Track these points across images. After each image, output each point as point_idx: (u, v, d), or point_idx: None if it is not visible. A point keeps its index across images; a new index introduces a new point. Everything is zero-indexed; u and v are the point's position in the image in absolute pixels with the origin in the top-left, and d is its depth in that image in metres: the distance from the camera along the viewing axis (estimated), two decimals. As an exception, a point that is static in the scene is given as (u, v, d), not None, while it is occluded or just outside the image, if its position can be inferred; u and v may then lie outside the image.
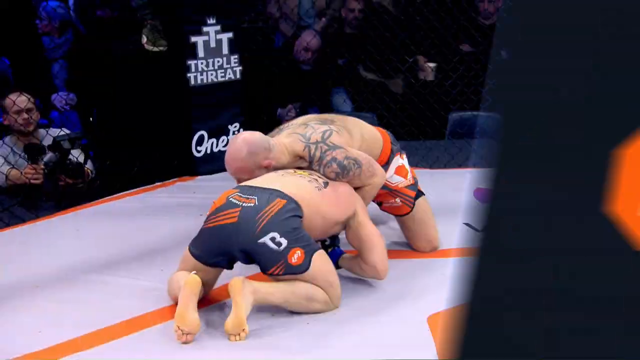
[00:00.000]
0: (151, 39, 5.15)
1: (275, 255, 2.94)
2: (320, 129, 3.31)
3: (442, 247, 3.76)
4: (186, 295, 2.86)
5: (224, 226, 2.98)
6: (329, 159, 3.24)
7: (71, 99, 5.93)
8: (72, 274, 3.57)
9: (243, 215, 2.96)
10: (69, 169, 4.71)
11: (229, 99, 5.26)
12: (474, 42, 5.92)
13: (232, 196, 3.03)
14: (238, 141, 3.25)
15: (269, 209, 2.96)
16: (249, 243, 2.96)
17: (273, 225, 2.94)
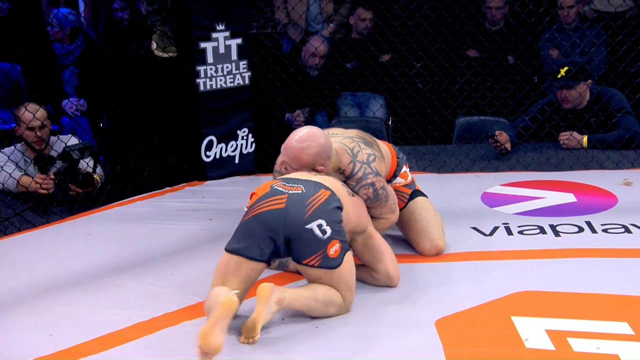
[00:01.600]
0: (161, 45, 5.19)
1: (319, 243, 3.00)
2: (366, 151, 3.45)
3: (449, 250, 3.77)
4: (218, 316, 2.77)
5: (272, 211, 3.00)
6: (368, 182, 3.39)
7: (82, 104, 5.98)
8: (82, 277, 3.61)
9: (291, 201, 3.01)
10: (78, 179, 4.77)
11: (238, 104, 5.29)
12: (481, 47, 5.94)
13: (276, 185, 3.08)
14: (312, 136, 3.28)
15: (317, 197, 3.04)
16: (296, 228, 2.99)
17: (321, 212, 3.01)
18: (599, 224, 4.02)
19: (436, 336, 2.93)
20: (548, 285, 3.34)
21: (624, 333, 2.86)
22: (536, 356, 2.74)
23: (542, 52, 6.09)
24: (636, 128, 5.45)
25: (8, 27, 6.11)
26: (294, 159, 3.29)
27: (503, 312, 3.09)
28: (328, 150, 3.30)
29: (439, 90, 5.78)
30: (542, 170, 5.19)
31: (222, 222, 4.33)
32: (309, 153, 3.26)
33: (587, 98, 5.49)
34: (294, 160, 3.29)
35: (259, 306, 2.89)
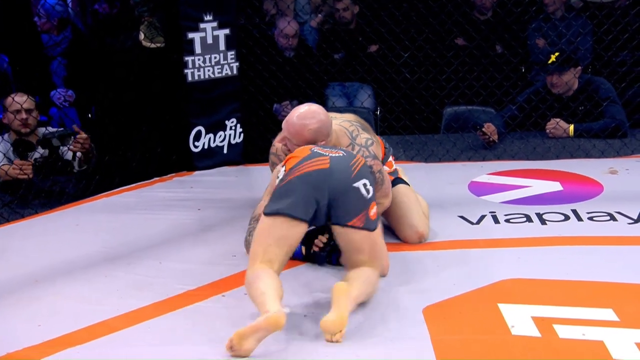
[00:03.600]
0: (149, 36, 5.18)
1: (364, 202, 3.05)
2: (364, 135, 3.50)
3: (437, 239, 3.79)
4: (261, 327, 2.72)
5: (317, 171, 3.02)
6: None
7: (70, 95, 5.96)
8: (71, 268, 3.61)
9: (334, 162, 3.05)
10: (57, 166, 4.77)
11: (226, 94, 5.29)
12: (469, 37, 5.95)
13: (314, 149, 3.13)
14: (313, 113, 3.33)
15: (357, 159, 3.11)
16: (343, 187, 3.02)
17: (364, 173, 3.08)
18: (585, 212, 4.04)
19: (423, 324, 2.95)
20: (534, 273, 3.36)
21: (609, 319, 2.88)
22: (522, 343, 2.76)
23: (529, 42, 6.11)
24: (622, 117, 5.48)
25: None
26: (295, 134, 3.32)
27: (490, 300, 3.11)
28: (328, 127, 3.36)
29: (426, 80, 5.79)
30: (529, 159, 5.21)
31: (210, 212, 4.34)
32: (310, 129, 3.31)
33: (576, 86, 5.52)
34: (295, 135, 3.33)
35: (340, 301, 2.86)
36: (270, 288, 2.90)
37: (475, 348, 2.76)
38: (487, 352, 2.73)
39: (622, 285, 3.19)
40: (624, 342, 2.71)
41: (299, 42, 6.21)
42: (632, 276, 3.26)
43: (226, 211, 4.36)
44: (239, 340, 2.72)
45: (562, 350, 2.71)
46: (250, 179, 5.05)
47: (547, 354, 2.69)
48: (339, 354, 2.75)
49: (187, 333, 2.96)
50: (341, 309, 2.85)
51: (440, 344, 2.78)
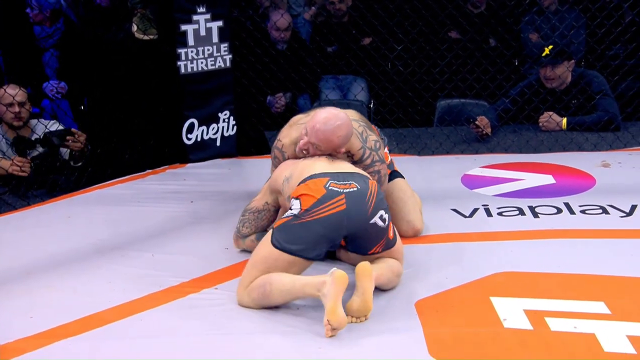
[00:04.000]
0: (141, 28, 5.17)
1: (382, 232, 3.10)
2: (372, 137, 3.49)
3: (429, 232, 3.80)
4: (338, 291, 2.81)
5: (334, 215, 3.01)
6: (375, 169, 3.46)
7: (62, 87, 5.95)
8: (63, 260, 3.61)
9: (350, 201, 3.03)
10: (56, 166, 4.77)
11: (219, 87, 5.28)
12: (462, 30, 5.95)
13: (329, 185, 3.06)
14: (338, 117, 3.27)
15: (372, 190, 3.09)
16: (360, 225, 3.04)
17: (380, 203, 3.09)
18: (577, 205, 4.05)
19: (416, 317, 2.95)
20: (526, 266, 3.37)
21: (600, 312, 2.90)
22: (514, 336, 2.77)
23: (522, 35, 6.11)
24: (614, 110, 5.50)
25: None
26: (325, 141, 3.25)
27: (482, 293, 3.12)
28: (352, 130, 3.33)
29: (419, 73, 5.79)
30: (522, 152, 5.22)
31: (203, 205, 4.34)
32: (339, 135, 3.25)
33: (569, 79, 5.53)
34: (324, 142, 3.25)
35: (364, 283, 2.92)
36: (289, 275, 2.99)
37: (467, 341, 2.77)
38: (479, 345, 2.74)
39: (614, 278, 3.20)
40: (615, 334, 2.73)
41: (292, 35, 6.21)
42: (623, 269, 3.27)
43: (219, 204, 4.35)
44: (334, 315, 2.77)
45: (554, 343, 2.72)
46: (243, 171, 5.05)
47: (538, 347, 2.70)
48: (331, 346, 2.76)
49: (180, 325, 2.96)
50: (366, 292, 2.92)
51: (433, 337, 2.78)
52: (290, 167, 3.31)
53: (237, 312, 3.04)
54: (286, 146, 3.51)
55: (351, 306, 2.91)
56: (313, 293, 2.89)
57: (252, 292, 3.03)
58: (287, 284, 2.96)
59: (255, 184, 4.65)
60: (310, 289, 2.90)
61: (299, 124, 3.51)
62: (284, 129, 3.58)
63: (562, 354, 2.66)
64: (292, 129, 3.53)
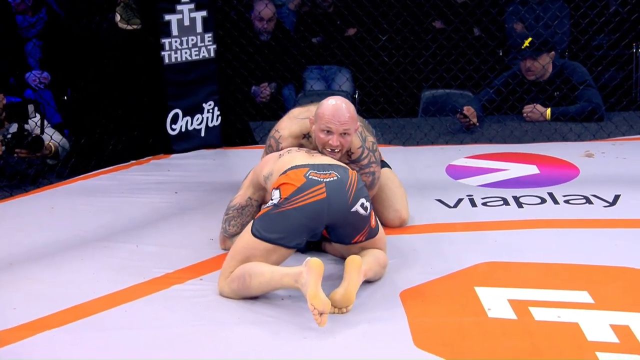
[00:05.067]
0: (125, 17, 5.13)
1: (364, 220, 3.09)
2: (370, 138, 3.50)
3: (414, 222, 3.80)
4: (315, 278, 2.81)
5: (315, 203, 3.01)
6: (371, 170, 3.47)
7: (45, 77, 5.91)
8: (46, 251, 3.59)
9: (330, 189, 3.02)
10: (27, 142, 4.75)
11: (204, 77, 5.26)
12: (446, 20, 5.95)
13: (309, 174, 3.06)
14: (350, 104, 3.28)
15: (352, 179, 3.09)
16: (341, 214, 3.04)
17: (360, 192, 3.08)
18: (561, 195, 4.07)
19: (401, 307, 2.96)
20: (511, 256, 3.38)
21: (584, 302, 2.91)
22: (498, 325, 2.78)
23: (506, 25, 6.12)
24: (598, 100, 5.52)
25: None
26: (337, 116, 3.21)
27: (466, 283, 3.12)
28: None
29: (404, 64, 5.79)
30: (506, 143, 5.23)
31: (187, 195, 4.33)
32: (350, 110, 3.25)
33: (550, 70, 5.54)
34: (336, 117, 3.21)
35: (352, 275, 2.94)
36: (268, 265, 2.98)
37: (451, 331, 2.77)
38: (464, 334, 2.75)
39: (597, 267, 3.22)
40: (598, 324, 2.74)
41: (276, 25, 6.19)
42: (606, 259, 3.29)
43: (203, 194, 4.34)
44: (316, 299, 2.77)
45: (538, 332, 2.73)
46: (228, 162, 5.04)
47: (523, 336, 2.71)
48: (316, 335, 2.76)
49: (164, 316, 2.95)
50: (351, 284, 2.93)
51: (417, 327, 2.79)
52: (271, 163, 3.29)
53: (221, 303, 3.04)
54: (284, 137, 3.48)
55: (334, 296, 2.91)
56: (291, 284, 2.90)
57: (231, 283, 3.04)
58: (266, 274, 2.96)
59: (240, 175, 4.63)
60: (289, 280, 2.90)
61: (300, 118, 3.48)
62: (284, 121, 3.53)
63: (546, 343, 2.67)
64: (292, 122, 3.50)
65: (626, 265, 3.21)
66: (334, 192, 3.03)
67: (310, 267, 2.83)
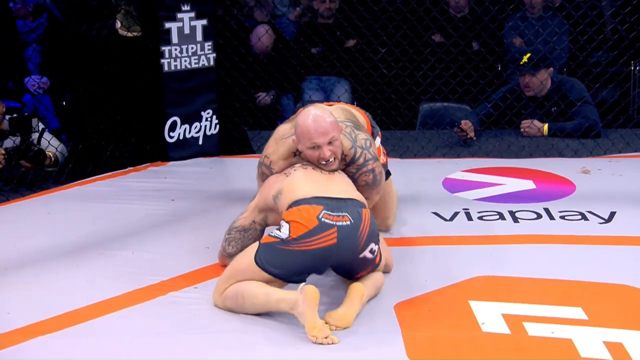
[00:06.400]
0: (125, 25, 5.15)
1: (370, 262, 3.07)
2: (361, 135, 3.38)
3: (409, 235, 3.81)
4: (312, 308, 2.81)
5: (324, 248, 2.96)
6: (369, 169, 3.34)
7: (44, 82, 5.92)
8: (42, 256, 3.59)
9: (342, 235, 2.97)
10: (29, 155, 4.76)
11: (203, 85, 5.27)
12: (446, 34, 5.97)
13: (322, 216, 2.98)
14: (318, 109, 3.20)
15: (364, 223, 3.02)
16: (349, 259, 3.02)
17: (371, 237, 3.04)
18: (557, 211, 4.08)
19: (395, 320, 2.96)
20: (505, 271, 3.38)
21: (577, 318, 2.91)
22: (492, 340, 2.79)
23: (505, 40, 6.14)
24: (595, 117, 5.54)
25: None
26: (316, 129, 3.13)
27: (461, 297, 3.12)
28: (334, 118, 3.22)
29: (403, 76, 5.81)
30: (503, 157, 5.24)
31: (184, 203, 4.33)
32: (326, 119, 3.15)
33: (549, 86, 5.56)
34: (317, 132, 3.13)
35: (354, 302, 2.94)
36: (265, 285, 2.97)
37: (445, 344, 2.78)
38: (457, 349, 2.75)
39: (592, 284, 3.22)
40: (592, 340, 2.74)
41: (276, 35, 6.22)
42: (601, 275, 3.29)
43: (200, 202, 4.34)
44: (315, 330, 2.78)
45: (531, 347, 2.73)
46: (225, 170, 5.04)
47: (516, 352, 2.71)
48: (309, 346, 2.76)
49: (158, 324, 2.95)
50: (351, 309, 2.93)
51: (411, 340, 2.79)
52: (279, 182, 3.20)
53: (215, 312, 3.04)
54: (274, 162, 3.36)
55: (333, 314, 2.90)
56: (287, 310, 2.88)
57: (226, 300, 3.03)
58: (261, 297, 2.94)
59: (237, 184, 4.66)
60: (284, 306, 2.89)
61: (285, 139, 3.35)
62: (270, 145, 3.41)
63: (539, 358, 2.67)
64: (278, 145, 3.36)
65: (621, 283, 3.21)
66: (345, 237, 2.97)
67: (306, 296, 2.81)
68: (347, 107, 3.67)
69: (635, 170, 4.87)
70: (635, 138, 5.53)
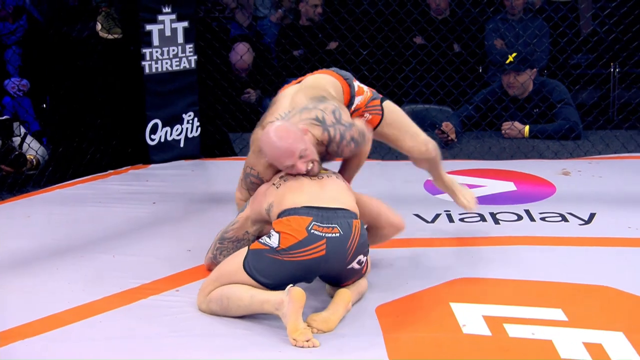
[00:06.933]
0: (106, 27, 5.14)
1: (357, 272, 3.07)
2: (328, 108, 3.23)
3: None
4: (296, 309, 2.79)
5: (312, 260, 2.95)
6: (347, 140, 3.22)
7: (24, 85, 5.89)
8: (22, 259, 3.56)
9: (330, 247, 2.96)
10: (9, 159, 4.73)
11: (184, 88, 5.26)
12: (427, 36, 5.99)
13: (311, 227, 2.96)
14: (283, 128, 3.10)
15: (354, 235, 3.00)
16: (337, 270, 3.02)
17: (360, 248, 3.02)
18: (538, 213, 4.10)
19: (376, 322, 2.96)
20: (486, 272, 3.40)
21: (558, 319, 2.93)
22: (472, 341, 2.79)
23: (486, 42, 6.17)
24: (576, 119, 5.57)
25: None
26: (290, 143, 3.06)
27: (442, 299, 3.13)
28: (295, 129, 3.11)
29: (384, 78, 5.82)
30: (484, 159, 5.26)
31: (165, 206, 4.32)
32: (287, 140, 3.06)
33: (530, 88, 5.60)
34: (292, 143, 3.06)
35: (339, 308, 2.94)
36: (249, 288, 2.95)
37: (426, 346, 2.78)
38: (438, 350, 2.75)
39: (572, 285, 3.24)
40: (571, 341, 2.76)
41: (256, 38, 6.21)
42: (581, 277, 3.31)
43: (182, 205, 4.34)
44: (297, 333, 2.77)
45: (512, 349, 2.74)
46: (207, 173, 5.03)
47: (496, 353, 2.72)
48: (291, 349, 2.76)
49: (139, 327, 2.94)
50: (335, 314, 2.93)
51: (392, 342, 2.79)
52: (270, 195, 3.14)
53: (198, 315, 3.03)
54: (262, 172, 3.29)
55: (316, 317, 2.90)
56: (272, 311, 2.88)
57: (210, 303, 3.02)
58: (245, 299, 2.93)
59: (218, 186, 4.65)
60: (269, 307, 2.88)
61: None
62: (251, 157, 3.34)
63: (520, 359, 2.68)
64: (258, 157, 3.28)
65: (600, 284, 3.23)
66: (334, 249, 2.96)
67: (292, 298, 2.80)
68: (317, 77, 3.53)
69: (615, 171, 4.91)
70: (615, 140, 5.57)
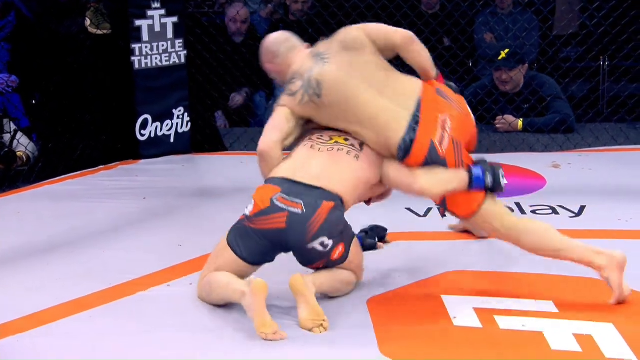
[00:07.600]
0: (95, 22, 5.12)
1: (322, 255, 2.99)
2: None
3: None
4: (260, 302, 2.76)
5: (272, 230, 2.94)
6: None
7: (13, 81, 5.86)
8: (11, 255, 3.56)
9: (291, 222, 2.93)
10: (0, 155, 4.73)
11: (174, 83, 5.26)
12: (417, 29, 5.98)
13: (276, 197, 2.95)
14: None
15: (317, 216, 2.95)
16: (298, 247, 2.97)
17: (322, 231, 2.95)
18: (528, 205, 4.10)
19: (367, 315, 2.96)
20: (477, 265, 3.40)
21: (548, 311, 2.93)
22: (463, 333, 2.80)
23: (476, 36, 6.17)
24: (568, 111, 5.59)
25: None
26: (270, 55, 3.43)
27: (433, 291, 3.14)
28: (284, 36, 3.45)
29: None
30: (474, 153, 5.25)
31: (156, 201, 4.31)
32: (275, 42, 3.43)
33: (522, 83, 5.61)
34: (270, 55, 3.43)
35: (302, 294, 2.86)
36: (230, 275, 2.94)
37: (417, 338, 2.78)
38: (429, 343, 2.76)
39: (562, 277, 3.25)
40: (562, 332, 2.76)
41: (248, 31, 6.20)
42: (571, 269, 3.30)
43: (172, 200, 4.33)
44: (264, 326, 2.74)
45: (502, 340, 2.75)
46: (197, 168, 5.03)
47: (487, 345, 2.72)
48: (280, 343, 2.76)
49: (130, 323, 2.93)
50: (306, 300, 2.86)
51: (383, 334, 2.80)
52: None
53: (189, 310, 3.02)
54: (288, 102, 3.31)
55: (305, 321, 2.85)
56: (239, 301, 2.86)
57: (200, 289, 3.04)
58: (222, 286, 2.93)
59: (209, 181, 4.65)
60: (237, 297, 2.86)
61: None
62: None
63: (511, 351, 2.68)
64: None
65: (590, 276, 3.23)
66: (293, 225, 2.93)
67: (253, 290, 2.77)
68: None
69: (605, 164, 4.93)
70: (605, 132, 5.59)
